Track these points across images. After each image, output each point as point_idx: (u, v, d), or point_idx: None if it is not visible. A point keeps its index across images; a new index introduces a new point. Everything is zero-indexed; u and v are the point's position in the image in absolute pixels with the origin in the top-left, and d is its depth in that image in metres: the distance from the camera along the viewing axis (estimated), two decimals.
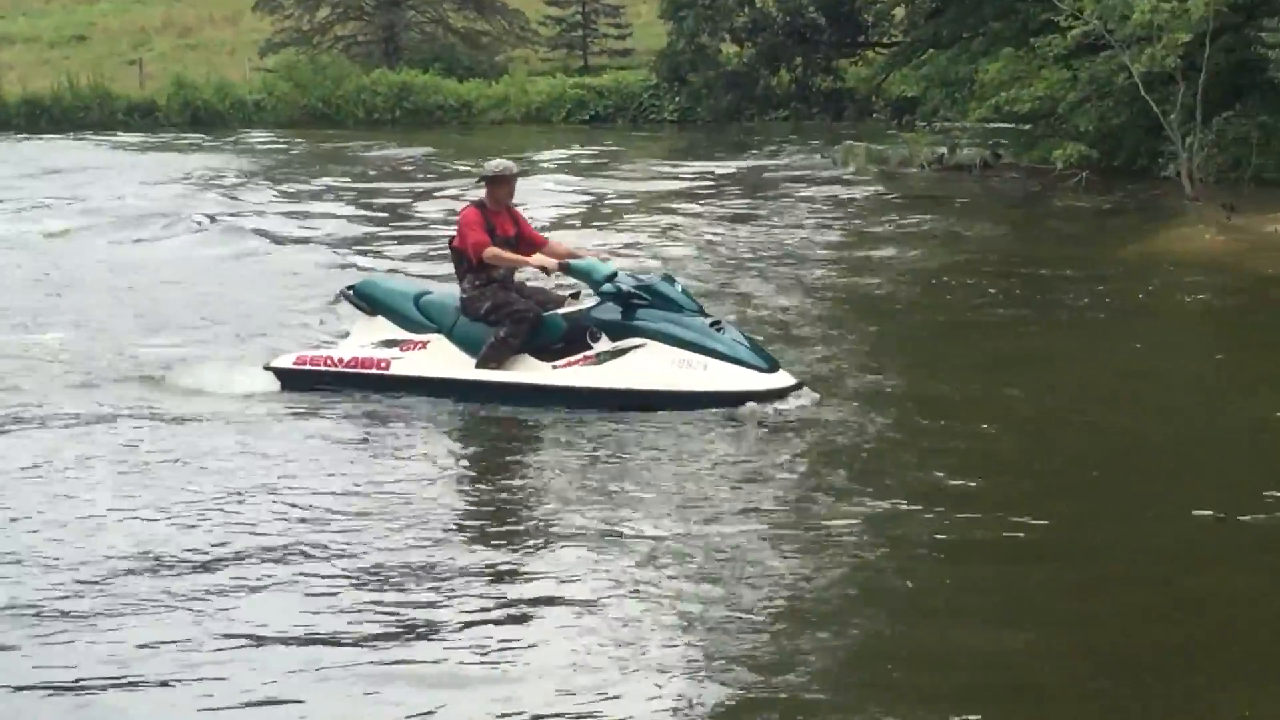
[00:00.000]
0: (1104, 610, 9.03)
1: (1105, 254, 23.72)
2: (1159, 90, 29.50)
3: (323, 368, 14.60)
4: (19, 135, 54.41)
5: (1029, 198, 32.30)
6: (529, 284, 14.77)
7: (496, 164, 14.57)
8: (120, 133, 55.46)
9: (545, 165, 40.68)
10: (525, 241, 14.50)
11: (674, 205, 31.44)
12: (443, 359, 14.28)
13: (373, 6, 70.49)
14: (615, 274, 14.11)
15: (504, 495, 11.46)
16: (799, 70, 56.62)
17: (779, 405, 13.24)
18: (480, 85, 63.38)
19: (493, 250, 14.11)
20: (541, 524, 10.61)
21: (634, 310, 13.78)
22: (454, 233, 14.58)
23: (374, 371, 14.40)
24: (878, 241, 26.19)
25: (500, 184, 14.44)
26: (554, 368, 13.91)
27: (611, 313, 13.88)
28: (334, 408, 13.95)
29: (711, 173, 39.08)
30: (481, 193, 14.77)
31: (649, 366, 13.59)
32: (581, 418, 13.35)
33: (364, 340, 14.70)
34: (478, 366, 14.07)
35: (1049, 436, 12.70)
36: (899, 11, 49.35)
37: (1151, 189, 30.63)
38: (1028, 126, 36.93)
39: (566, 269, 14.23)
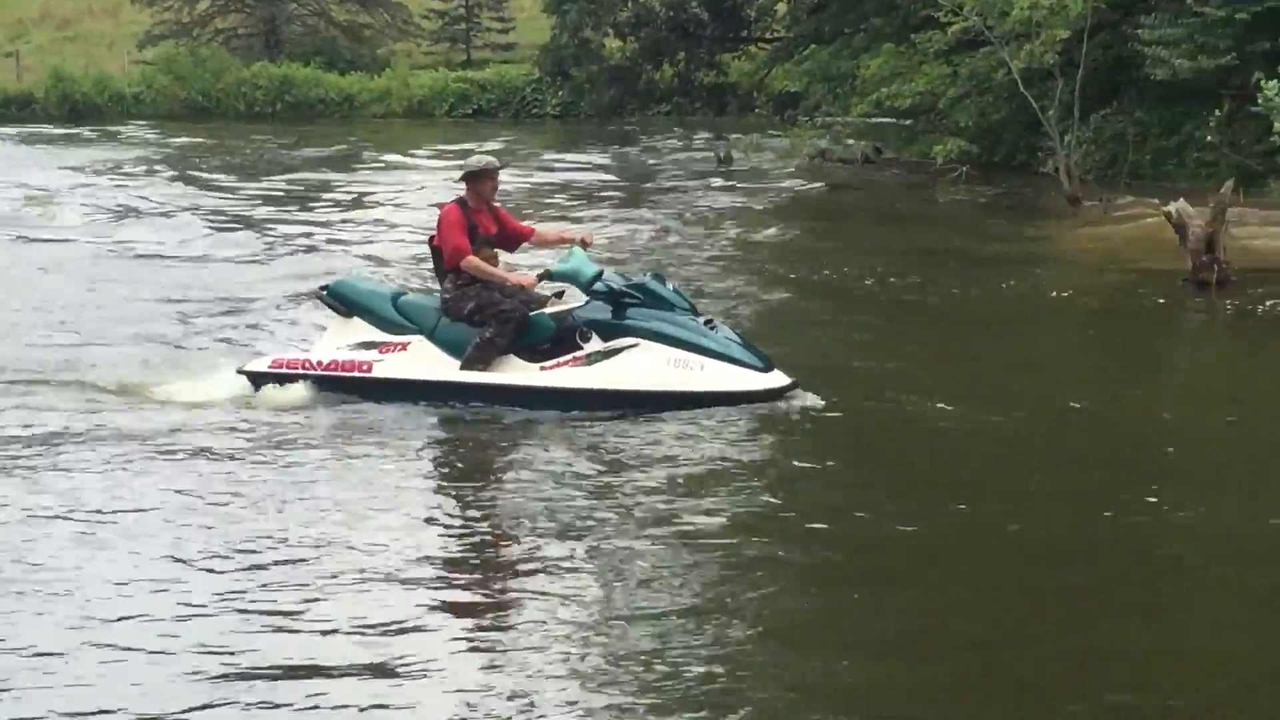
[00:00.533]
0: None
1: (983, 247, 23.90)
2: (1038, 86, 29.78)
3: (300, 371, 14.01)
4: None
5: (910, 192, 32.51)
6: (510, 281, 13.97)
7: (479, 159, 14.16)
8: None
9: (425, 160, 40.49)
10: (510, 236, 14.19)
11: (559, 201, 31.36)
12: (425, 361, 13.79)
13: None
14: (601, 273, 13.69)
15: (484, 501, 11.20)
16: (682, 65, 56.85)
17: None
18: (362, 79, 63.03)
19: (472, 260, 13.64)
20: (510, 537, 10.44)
21: (625, 309, 13.42)
22: (434, 231, 14.17)
23: (355, 375, 13.90)
24: (759, 235, 26.23)
25: (483, 179, 13.95)
26: (542, 369, 13.51)
27: (601, 312, 13.49)
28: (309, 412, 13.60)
29: (594, 167, 39.02)
30: (463, 189, 14.19)
31: (643, 366, 13.27)
32: (566, 419, 13.09)
33: (339, 342, 14.13)
34: (463, 368, 13.61)
35: (918, 432, 12.76)
36: (782, 7, 49.60)
37: (1030, 184, 30.92)
38: (909, 122, 37.18)
39: (548, 276, 13.89)
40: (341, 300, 14.26)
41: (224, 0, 70.12)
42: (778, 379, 13.29)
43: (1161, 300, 19.18)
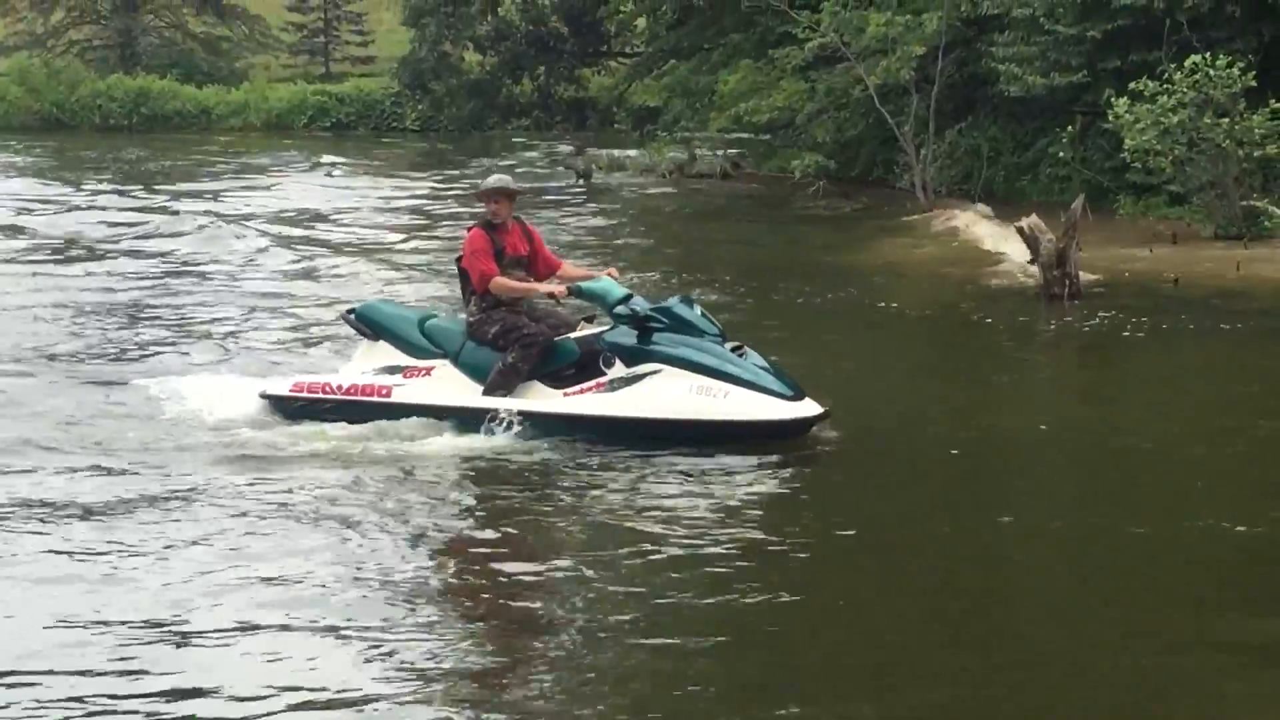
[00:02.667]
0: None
1: (840, 260, 24.09)
2: (894, 102, 30.14)
3: (321, 395, 13.72)
4: None
5: (767, 206, 32.67)
6: (539, 305, 13.69)
7: (494, 179, 13.77)
8: None
9: (277, 176, 40.28)
10: (539, 263, 13.75)
11: (411, 222, 31.19)
12: (448, 386, 13.39)
13: (109, 10, 69.24)
14: (629, 296, 13.20)
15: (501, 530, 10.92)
16: (542, 79, 56.92)
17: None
18: (219, 92, 62.58)
19: (500, 281, 13.26)
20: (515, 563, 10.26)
21: (650, 334, 12.92)
22: (460, 252, 13.78)
23: (375, 399, 13.54)
24: (616, 246, 26.31)
25: (498, 198, 13.52)
26: (565, 394, 13.09)
27: (626, 337, 13.01)
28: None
29: (454, 180, 38.91)
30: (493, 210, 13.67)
31: (666, 394, 12.75)
32: (589, 447, 12.73)
33: (366, 366, 13.82)
34: (485, 393, 13.16)
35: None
36: (641, 22, 49.81)
37: (887, 198, 31.21)
38: (767, 136, 37.45)
39: (578, 292, 13.43)
40: (368, 324, 13.94)
41: (79, 12, 69.43)
42: (809, 408, 12.75)
43: (1013, 313, 19.41)
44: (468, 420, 13.02)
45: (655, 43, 45.42)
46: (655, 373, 12.82)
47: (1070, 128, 28.10)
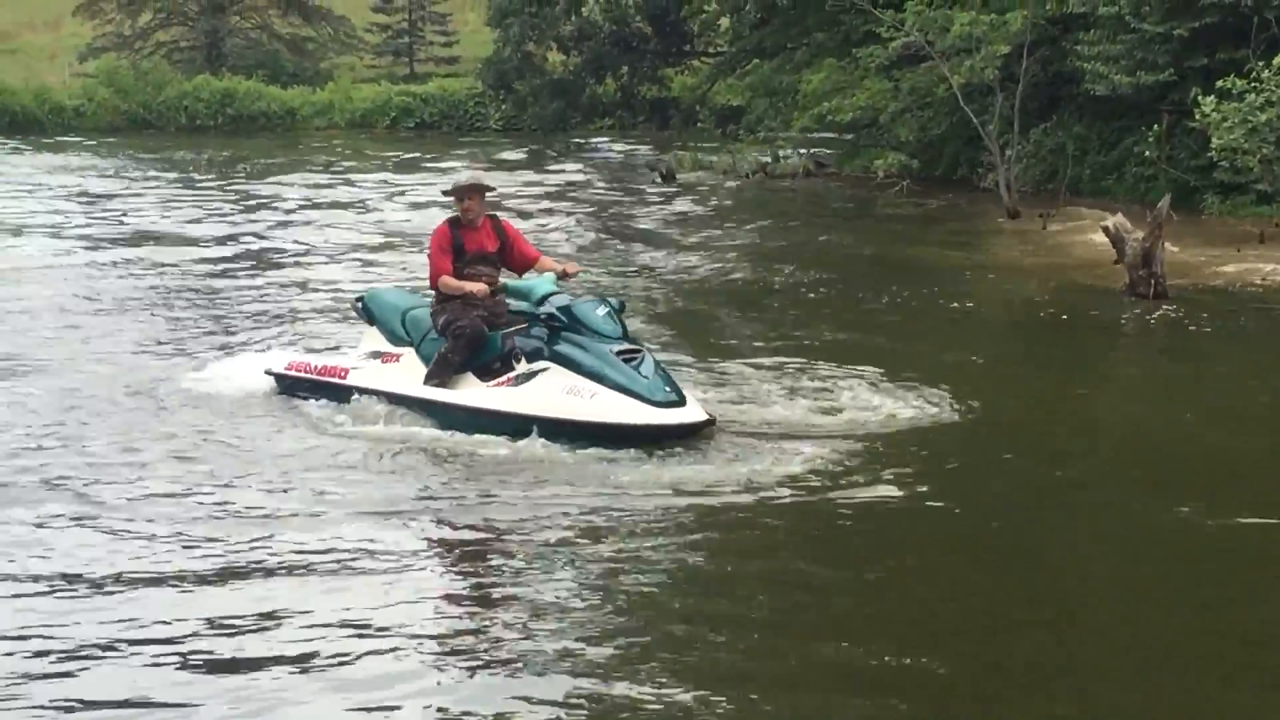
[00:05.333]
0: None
1: (924, 260, 24.00)
2: (978, 101, 29.99)
3: (301, 374, 14.47)
4: None
5: (851, 206, 32.62)
6: (498, 300, 13.88)
7: (463, 176, 14.18)
8: None
9: (365, 179, 40.50)
10: (515, 257, 13.99)
11: (502, 216, 31.29)
12: (404, 373, 13.83)
13: (196, 12, 69.75)
14: (552, 294, 13.36)
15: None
16: (625, 79, 56.96)
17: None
18: (304, 92, 62.96)
19: (444, 279, 13.62)
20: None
21: (557, 333, 13.12)
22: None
23: (334, 380, 14.17)
24: (703, 248, 26.32)
25: (469, 195, 13.82)
26: (487, 388, 13.35)
27: (534, 335, 13.26)
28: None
29: (540, 182, 39.01)
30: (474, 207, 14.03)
31: (543, 392, 12.94)
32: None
33: (361, 350, 14.51)
34: (425, 382, 13.56)
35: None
36: (724, 21, 49.76)
37: (970, 198, 31.09)
38: (850, 136, 37.37)
39: (504, 290, 13.71)
40: (366, 311, 14.58)
41: (166, 13, 69.93)
42: (681, 415, 12.69)
43: (1098, 313, 19.32)
44: (407, 406, 13.52)
45: (739, 42, 45.37)
46: (543, 371, 13.07)
47: (1156, 126, 27.93)
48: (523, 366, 13.18)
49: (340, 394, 14.04)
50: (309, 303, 20.35)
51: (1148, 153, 27.94)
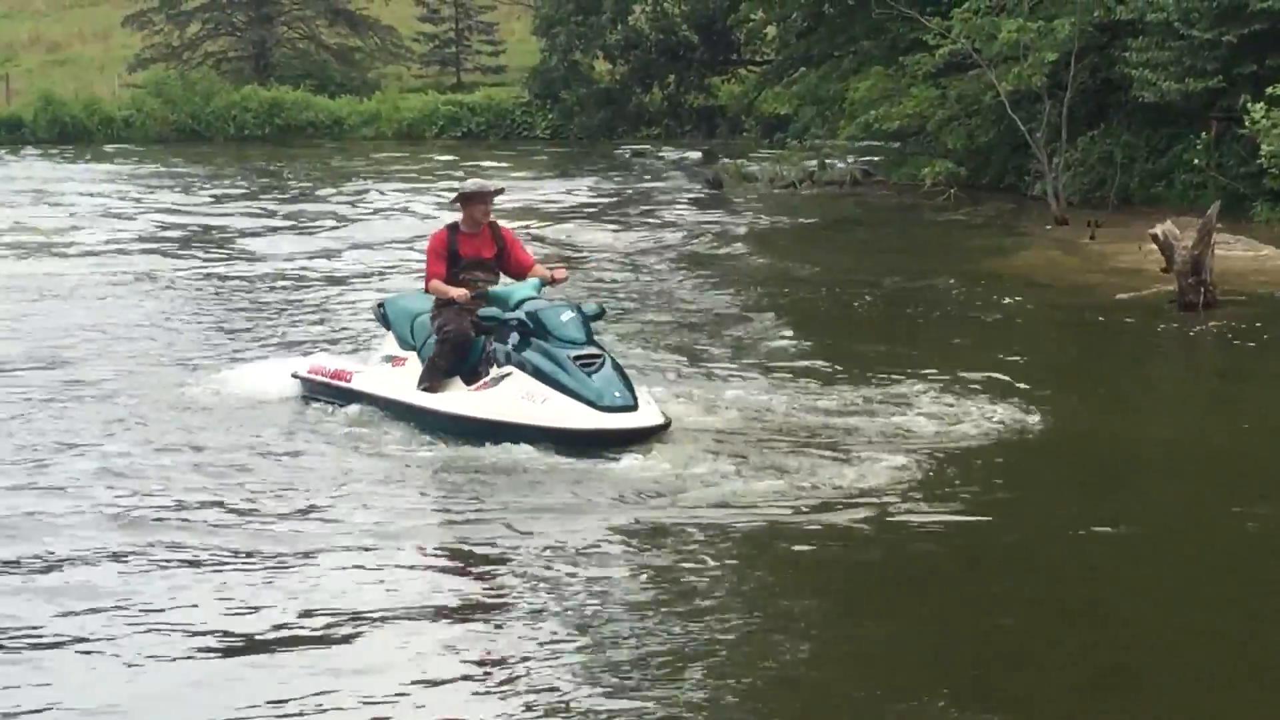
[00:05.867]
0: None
1: (971, 269, 23.93)
2: (1026, 109, 29.90)
3: (317, 376, 14.86)
4: None
5: (899, 214, 32.57)
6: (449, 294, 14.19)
7: (471, 183, 14.48)
8: None
9: (409, 183, 40.57)
10: (511, 263, 14.21)
11: (554, 225, 31.41)
12: (403, 378, 14.08)
13: (244, 22, 69.94)
14: (528, 299, 13.58)
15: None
16: (671, 88, 56.90)
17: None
18: (352, 102, 63.04)
19: (434, 284, 13.93)
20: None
21: (526, 339, 13.33)
22: None
23: (340, 383, 14.57)
24: (749, 256, 26.35)
25: (474, 202, 14.12)
26: (465, 393, 13.60)
27: (506, 340, 13.48)
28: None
29: (586, 191, 39.04)
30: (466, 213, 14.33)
31: (502, 397, 13.17)
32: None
33: (379, 355, 14.89)
34: (417, 386, 13.82)
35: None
36: (771, 30, 49.65)
37: (1018, 206, 31.00)
38: (897, 144, 37.28)
39: (483, 296, 13.84)
40: (383, 317, 14.95)
41: (214, 24, 70.12)
42: (627, 420, 12.83)
43: (1148, 321, 19.24)
44: (400, 412, 13.85)
45: (785, 50, 45.28)
46: (507, 376, 13.29)
47: (1205, 134, 27.82)
48: (494, 372, 13.43)
49: (348, 397, 14.36)
50: (348, 307, 20.52)
51: (1196, 160, 27.82)
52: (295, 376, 15.10)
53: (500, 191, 14.82)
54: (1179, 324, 18.97)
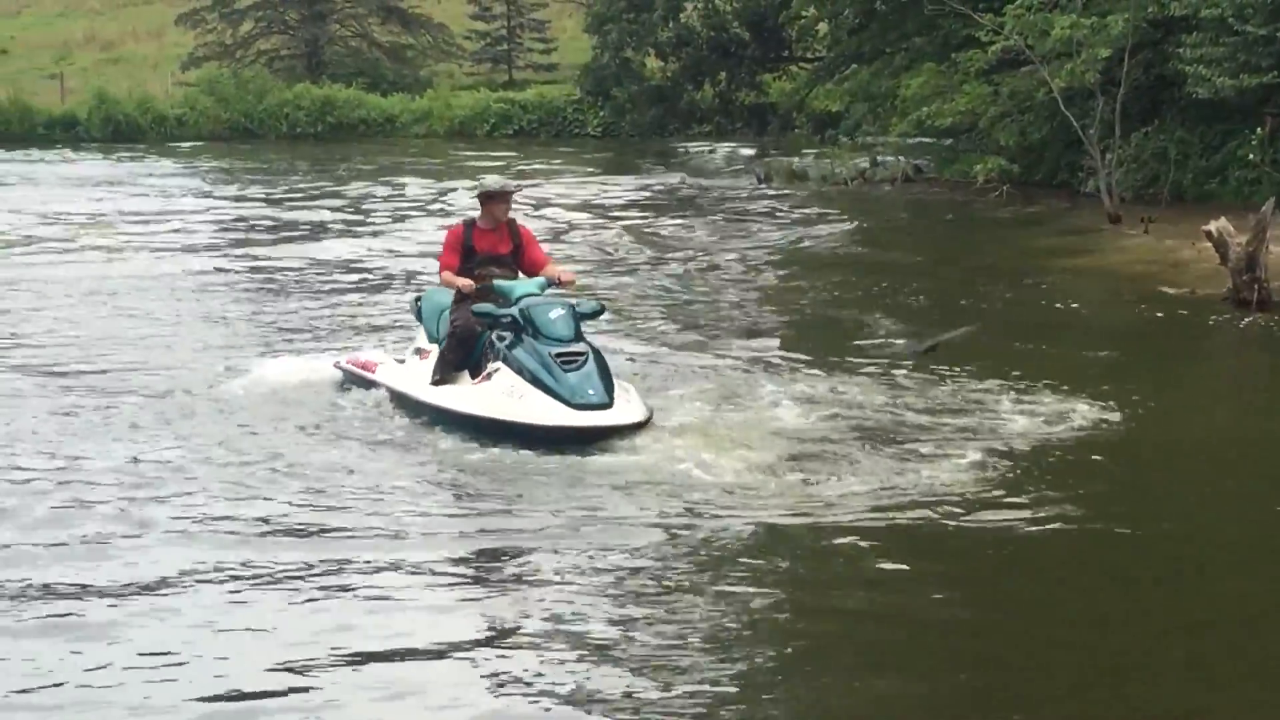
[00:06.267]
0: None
1: (1025, 266, 23.85)
2: (1079, 105, 29.73)
3: (349, 367, 15.19)
4: None
5: (951, 211, 32.47)
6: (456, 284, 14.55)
7: (491, 181, 14.85)
8: (40, 148, 55.06)
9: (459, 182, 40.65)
10: (526, 261, 14.40)
11: (604, 222, 31.47)
12: (420, 371, 14.33)
13: (296, 21, 70.20)
14: (528, 295, 13.81)
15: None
16: (723, 85, 56.87)
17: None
18: (404, 100, 63.23)
19: (443, 276, 14.26)
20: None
21: (518, 335, 13.49)
22: None
23: (366, 374, 14.83)
24: (800, 253, 26.31)
25: (494, 200, 14.39)
26: (465, 387, 13.80)
27: (502, 335, 13.64)
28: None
29: (637, 188, 39.05)
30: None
31: (489, 392, 13.34)
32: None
33: (412, 348, 15.06)
34: (430, 380, 14.02)
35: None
36: (823, 27, 49.54)
37: (1072, 203, 30.85)
38: (949, 141, 37.17)
39: (488, 289, 14.02)
40: (416, 311, 15.15)
41: (267, 22, 70.43)
42: (597, 418, 12.85)
43: (1202, 318, 19.13)
44: (410, 405, 14.00)
45: (837, 47, 45.20)
46: (496, 371, 13.45)
47: (1260, 130, 27.60)
48: (489, 367, 13.59)
49: (371, 388, 14.64)
50: (400, 300, 20.61)
51: (1251, 156, 27.62)
52: (337, 366, 15.41)
53: (519, 190, 15.00)
54: (1233, 321, 18.84)
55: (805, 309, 20.76)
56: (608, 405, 12.96)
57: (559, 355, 13.19)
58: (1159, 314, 19.66)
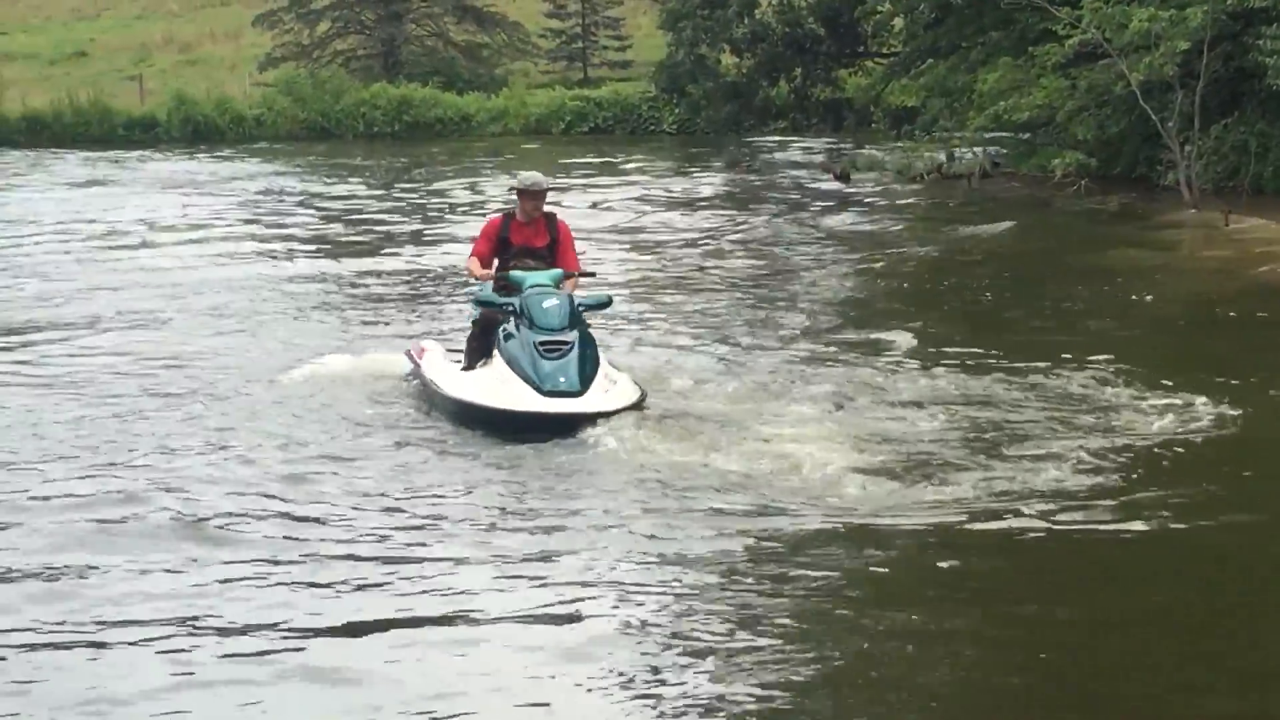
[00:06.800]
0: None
1: (1101, 261, 23.77)
2: (1157, 98, 29.56)
3: (412, 355, 15.52)
4: (20, 150, 54.61)
5: (1028, 206, 32.37)
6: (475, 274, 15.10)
7: (526, 177, 14.94)
8: (120, 149, 55.51)
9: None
10: (559, 254, 14.74)
11: (682, 216, 31.55)
12: (453, 361, 14.83)
13: (373, 21, 70.50)
14: (537, 285, 14.12)
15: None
16: (798, 80, 56.72)
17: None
18: (479, 98, 63.35)
19: (468, 262, 14.83)
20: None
21: (518, 324, 13.90)
22: None
23: (416, 362, 15.15)
24: (882, 249, 26.29)
25: (527, 196, 14.71)
26: (470, 374, 14.24)
27: (505, 324, 14.10)
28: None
29: (714, 184, 39.09)
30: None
31: (479, 380, 13.85)
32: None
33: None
34: (461, 369, 14.48)
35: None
36: (898, 22, 49.36)
37: (1150, 197, 30.69)
38: (1026, 135, 37.01)
39: (504, 280, 14.41)
40: (474, 302, 15.21)
41: (344, 23, 70.76)
42: (561, 405, 13.18)
43: None
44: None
45: (913, 42, 45.03)
46: (494, 359, 14.02)
47: None
48: (493, 356, 14.03)
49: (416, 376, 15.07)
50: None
51: None
52: (406, 354, 15.73)
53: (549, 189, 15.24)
54: None
55: (899, 305, 20.74)
56: (578, 393, 13.28)
57: (544, 344, 13.58)
58: (1241, 309, 19.55)
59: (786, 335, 18.12)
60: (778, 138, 54.52)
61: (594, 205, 33.31)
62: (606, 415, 13.04)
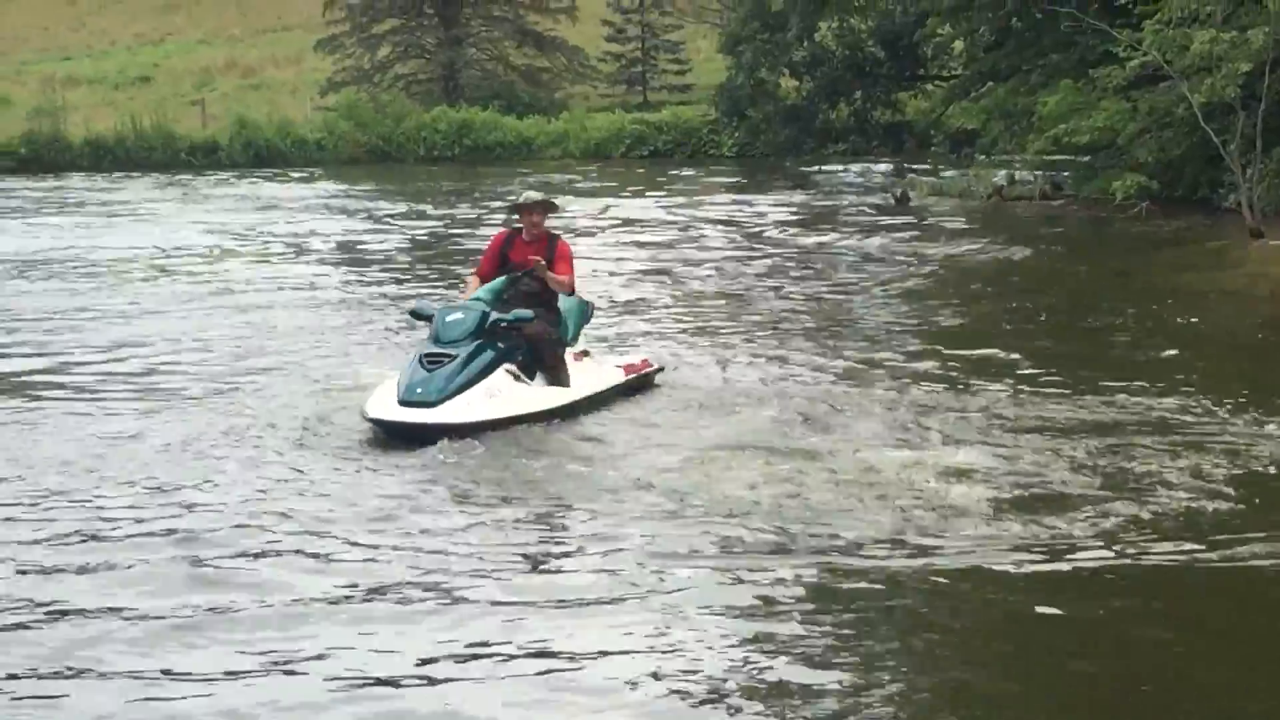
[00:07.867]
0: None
1: (1163, 284, 23.69)
2: (1219, 120, 29.46)
3: None
4: (87, 174, 55.09)
5: (1089, 228, 32.30)
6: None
7: (528, 194, 15.24)
8: (183, 173, 55.93)
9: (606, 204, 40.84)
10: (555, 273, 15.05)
11: (745, 240, 31.61)
12: None
13: (433, 45, 70.88)
14: (477, 299, 14.57)
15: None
16: (858, 103, 56.81)
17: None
18: (539, 122, 63.58)
19: (467, 279, 15.39)
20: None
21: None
22: None
23: None
24: (942, 271, 26.26)
25: (525, 213, 15.06)
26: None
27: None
28: None
29: (774, 207, 39.08)
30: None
31: (380, 387, 14.17)
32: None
33: None
34: None
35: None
36: (958, 44, 49.41)
37: (1212, 219, 30.56)
38: (1087, 158, 36.96)
39: (478, 296, 14.72)
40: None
41: (404, 47, 71.16)
42: (410, 414, 13.39)
43: None
44: None
45: (973, 65, 45.09)
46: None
47: None
48: None
49: None
50: None
51: None
52: None
53: (552, 207, 15.43)
54: None
55: (961, 326, 20.69)
56: (430, 404, 13.51)
57: (427, 355, 13.99)
58: None
59: (851, 355, 18.04)
60: (837, 162, 54.35)
61: (654, 223, 33.41)
62: (456, 428, 13.24)
